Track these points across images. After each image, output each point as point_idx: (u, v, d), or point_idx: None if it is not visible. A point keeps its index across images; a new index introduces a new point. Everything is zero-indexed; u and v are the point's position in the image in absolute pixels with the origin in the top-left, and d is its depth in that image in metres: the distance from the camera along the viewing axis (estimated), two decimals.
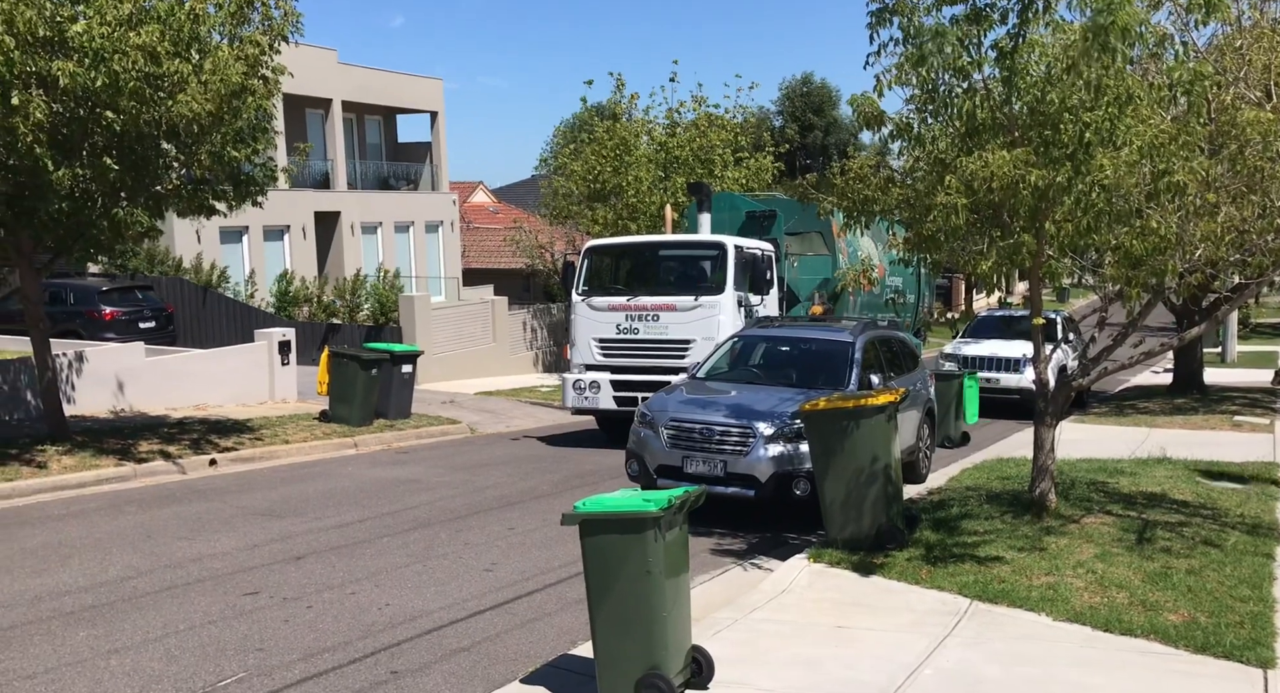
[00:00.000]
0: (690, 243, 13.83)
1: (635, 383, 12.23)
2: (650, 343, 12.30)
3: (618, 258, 13.44)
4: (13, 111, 8.63)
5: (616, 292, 12.69)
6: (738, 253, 12.46)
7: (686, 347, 12.09)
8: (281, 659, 5.32)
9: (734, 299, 12.27)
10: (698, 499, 4.88)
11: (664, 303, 12.30)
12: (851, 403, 7.18)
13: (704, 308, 12.16)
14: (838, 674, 4.96)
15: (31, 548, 7.57)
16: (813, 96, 46.61)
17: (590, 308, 12.63)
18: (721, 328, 11.96)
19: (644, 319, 12.32)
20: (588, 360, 12.55)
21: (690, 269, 13.02)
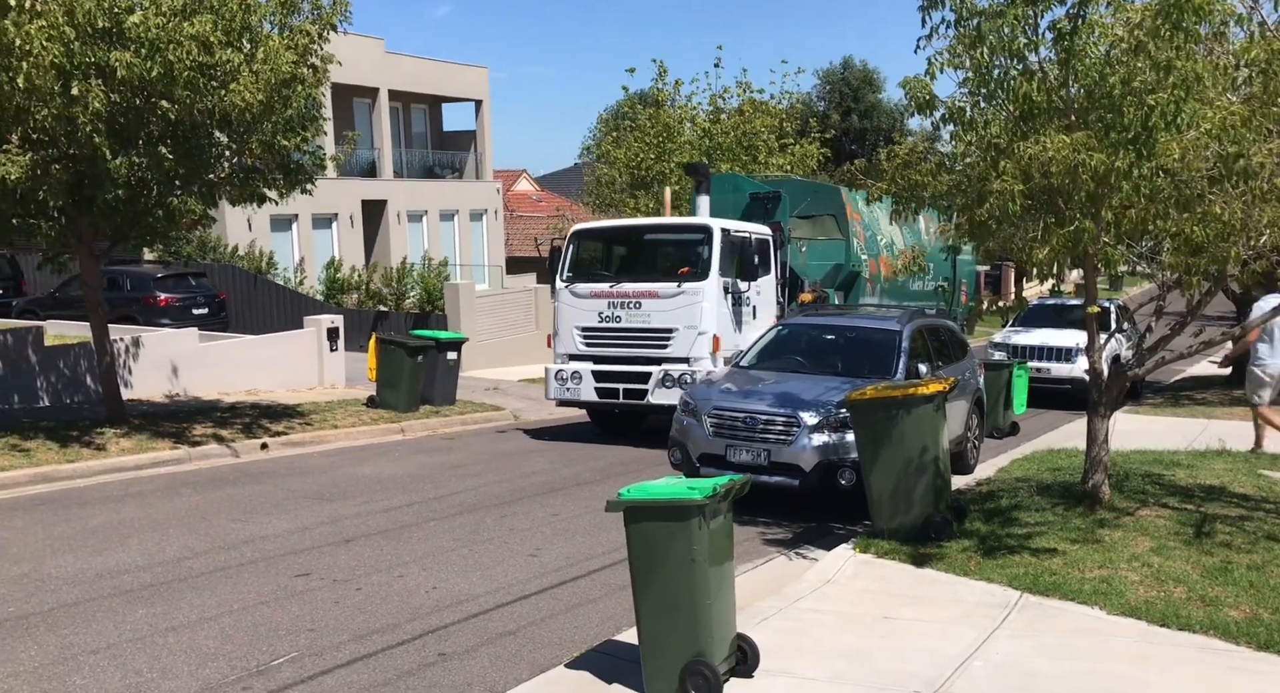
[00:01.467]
0: (675, 226, 13.20)
1: (617, 374, 11.68)
2: (632, 332, 11.64)
3: (603, 243, 12.87)
4: (73, 101, 8.83)
5: (600, 278, 12.05)
6: (724, 237, 11.68)
7: (669, 336, 11.46)
8: (332, 640, 5.42)
9: (719, 286, 11.52)
10: (742, 488, 4.85)
11: (646, 290, 11.62)
12: (900, 392, 7.09)
13: (687, 295, 11.44)
14: (884, 666, 4.92)
15: (93, 528, 7.79)
16: (852, 81, 45.97)
17: (573, 295, 11.99)
18: (704, 316, 11.36)
19: (626, 307, 11.68)
20: (570, 350, 11.95)
21: (675, 254, 12.35)
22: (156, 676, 4.87)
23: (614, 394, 11.58)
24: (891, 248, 16.21)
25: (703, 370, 11.06)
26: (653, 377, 11.39)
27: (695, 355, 11.34)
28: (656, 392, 11.36)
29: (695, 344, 11.36)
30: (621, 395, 11.59)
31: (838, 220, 14.74)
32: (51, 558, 6.89)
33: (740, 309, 11.93)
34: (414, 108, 31.01)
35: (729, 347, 11.47)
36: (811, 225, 14.85)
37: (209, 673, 4.92)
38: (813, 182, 17.44)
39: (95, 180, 9.59)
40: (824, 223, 14.88)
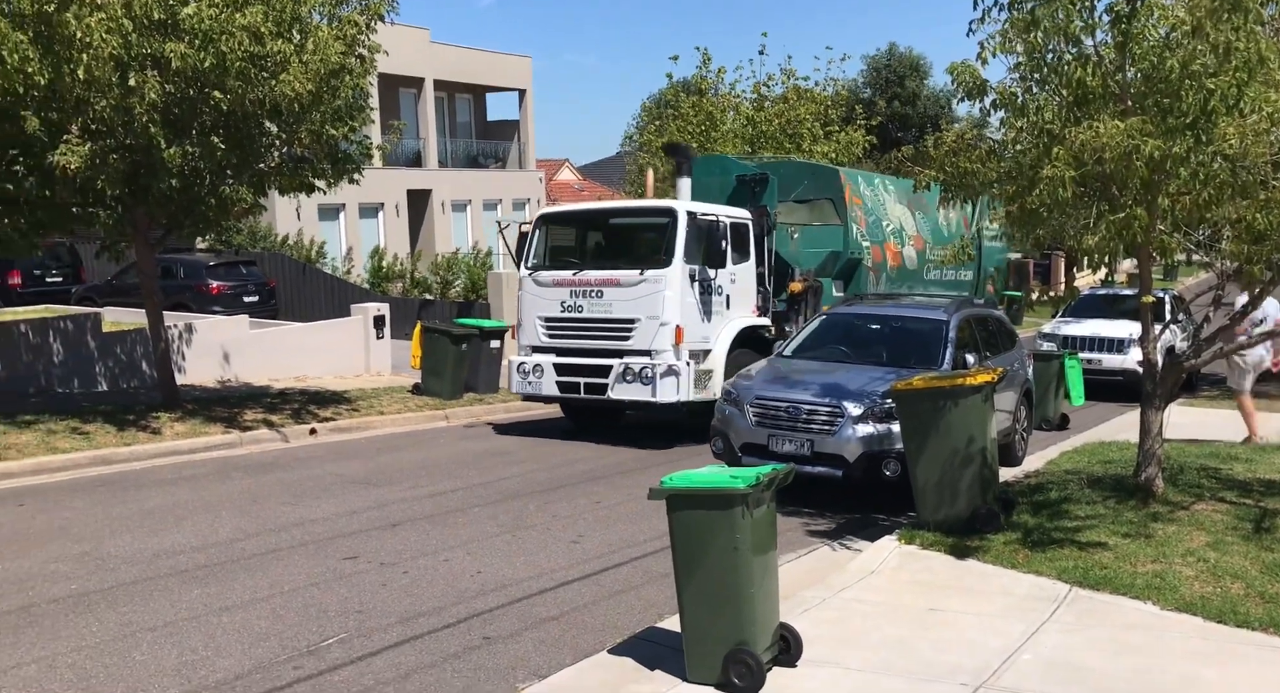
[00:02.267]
0: (640, 210, 12.61)
1: (578, 367, 11.03)
2: (594, 322, 10.97)
3: (569, 228, 12.18)
4: (130, 92, 9.04)
5: (563, 265, 11.43)
6: (690, 221, 10.82)
7: (630, 327, 10.74)
8: (380, 622, 5.51)
9: (683, 273, 10.71)
10: (786, 477, 4.83)
11: (608, 277, 10.89)
12: (947, 382, 7.00)
13: (648, 283, 10.65)
14: (930, 657, 4.87)
15: (149, 509, 8.01)
16: (897, 67, 45.28)
17: (536, 284, 11.33)
18: (666, 306, 10.58)
19: (588, 296, 10.96)
20: (533, 341, 11.32)
21: (640, 240, 11.66)
22: (211, 654, 5.00)
23: (575, 389, 11.03)
24: (900, 234, 14.90)
25: (664, 364, 10.52)
26: (613, 370, 10.72)
27: (657, 348, 10.61)
28: (617, 386, 10.71)
29: (657, 336, 10.61)
30: (583, 390, 11.00)
31: (835, 204, 13.58)
32: (110, 538, 7.10)
33: (709, 298, 11.12)
34: (458, 97, 31.23)
35: (696, 339, 10.89)
36: (809, 210, 13.76)
37: (261, 652, 5.04)
38: (810, 163, 15.81)
39: (151, 170, 9.81)
40: (821, 207, 13.72)
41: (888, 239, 14.43)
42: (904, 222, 15.10)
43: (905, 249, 14.88)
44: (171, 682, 4.65)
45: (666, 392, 10.52)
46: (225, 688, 4.60)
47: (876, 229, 14.26)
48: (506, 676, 4.85)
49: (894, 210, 14.82)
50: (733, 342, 11.24)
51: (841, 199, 13.53)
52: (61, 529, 7.32)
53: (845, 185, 13.68)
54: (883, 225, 14.44)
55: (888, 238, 14.44)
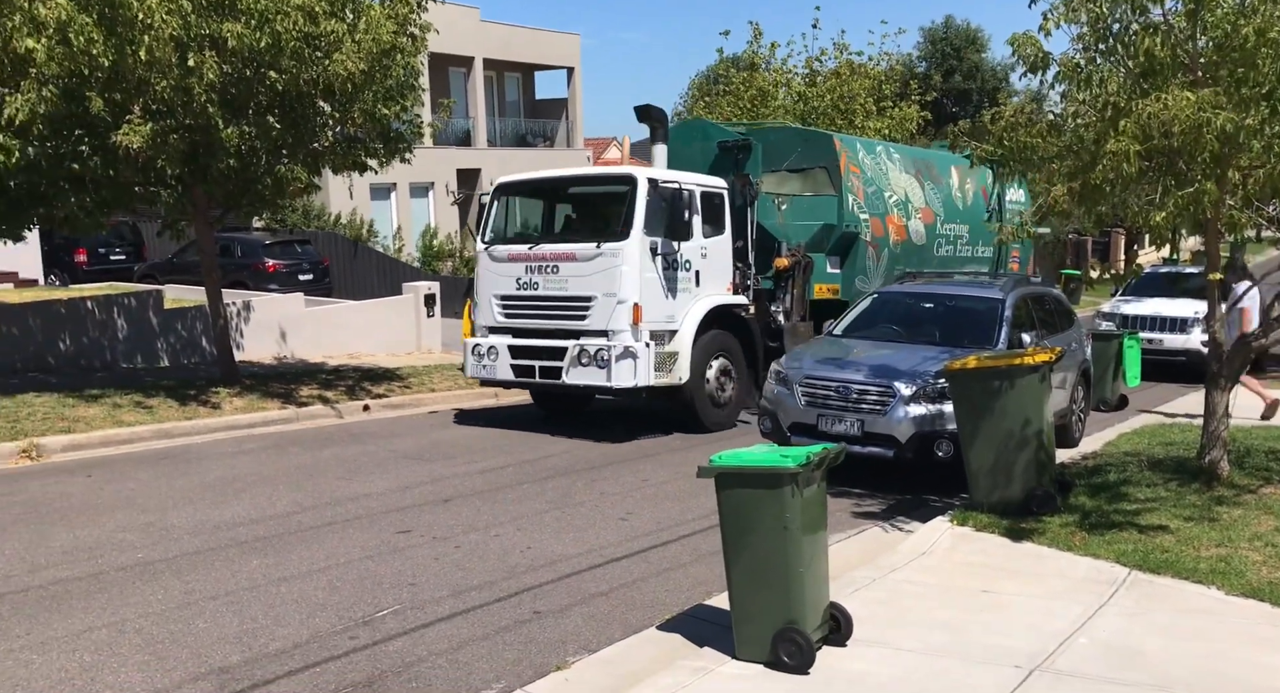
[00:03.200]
0: (599, 177, 11.70)
1: (533, 349, 10.25)
2: (549, 301, 10.18)
3: (527, 198, 11.43)
4: (189, 72, 9.21)
5: (520, 239, 10.77)
6: (652, 189, 9.94)
7: (586, 305, 9.92)
8: (432, 595, 5.61)
9: (643, 246, 9.86)
10: (837, 457, 4.79)
11: (564, 251, 10.10)
12: (1003, 362, 6.87)
13: (605, 257, 9.81)
14: (983, 639, 4.81)
15: (209, 482, 8.23)
16: (954, 40, 44.24)
17: (491, 259, 10.57)
18: (624, 282, 9.75)
19: (544, 272, 10.17)
20: (489, 321, 10.57)
21: (599, 210, 10.81)
22: (270, 623, 5.14)
23: (529, 373, 10.28)
24: (905, 206, 13.39)
25: (620, 346, 9.72)
26: (568, 353, 9.95)
27: (614, 328, 9.79)
28: (572, 370, 9.93)
29: (614, 315, 9.77)
30: (538, 374, 10.25)
31: (830, 173, 12.36)
32: (174, 509, 7.32)
33: (675, 274, 10.22)
34: (507, 76, 31.28)
35: (658, 318, 10.04)
36: (801, 180, 12.63)
37: (318, 622, 5.16)
38: (803, 128, 14.34)
39: (209, 149, 10.00)
40: (815, 177, 12.50)
41: (890, 211, 13.08)
42: (910, 193, 13.62)
43: (911, 222, 13.46)
44: (233, 649, 4.79)
45: (622, 376, 9.73)
46: (284, 657, 4.72)
47: (877, 200, 12.90)
48: (556, 649, 4.91)
49: (898, 180, 13.41)
50: (702, 322, 10.38)
51: (836, 167, 12.32)
52: (128, 500, 7.56)
53: (841, 152, 12.47)
54: (884, 196, 13.05)
55: (890, 210, 13.09)
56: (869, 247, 12.72)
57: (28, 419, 9.60)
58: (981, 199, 14.86)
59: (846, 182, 12.31)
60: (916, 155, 14.40)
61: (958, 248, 14.47)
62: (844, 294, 12.39)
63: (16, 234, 10.99)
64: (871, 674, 4.42)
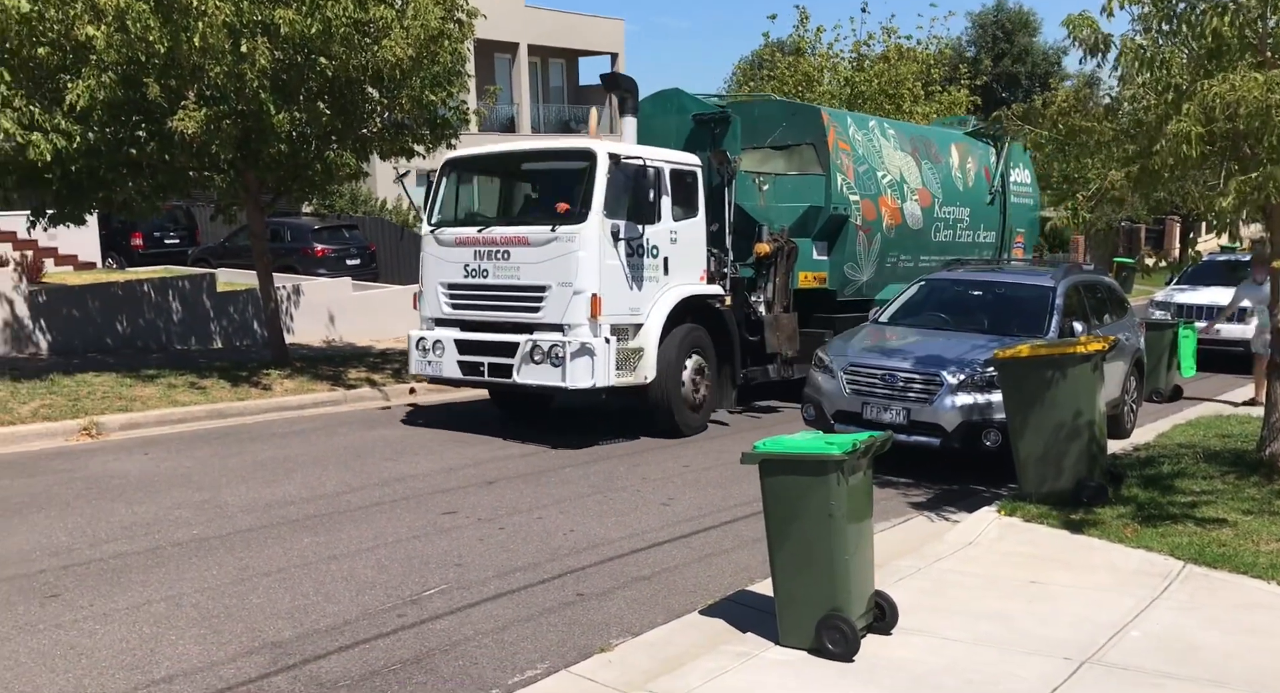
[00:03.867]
0: (555, 152, 10.34)
1: (481, 344, 9.30)
2: (500, 290, 9.24)
3: (479, 175, 10.50)
4: (242, 59, 9.37)
5: (468, 221, 9.74)
6: (613, 165, 8.92)
7: (540, 295, 8.98)
8: (478, 575, 5.69)
9: (603, 229, 8.85)
10: (883, 445, 4.75)
11: (516, 235, 9.13)
12: (1056, 350, 6.75)
13: (560, 242, 8.84)
14: (1031, 630, 4.76)
15: (261, 461, 8.42)
16: (1005, 23, 43.34)
17: (437, 243, 9.65)
18: (581, 270, 8.77)
19: (494, 258, 9.21)
20: (435, 312, 9.65)
21: (555, 189, 9.61)
22: (321, 600, 5.25)
23: (477, 370, 9.35)
24: (900, 187, 12.22)
25: (576, 341, 8.76)
26: (519, 349, 9.00)
27: (570, 321, 8.84)
28: (524, 368, 8.99)
29: (570, 307, 8.80)
30: (486, 372, 9.32)
31: (817, 150, 11.23)
32: (227, 487, 7.50)
33: (640, 261, 9.21)
34: (551, 62, 31.32)
35: (620, 310, 9.07)
36: (787, 157, 11.48)
37: (367, 600, 5.26)
38: (787, 101, 13.03)
39: (261, 135, 10.18)
40: (800, 154, 11.35)
41: (883, 192, 11.91)
42: (906, 172, 12.40)
43: (907, 205, 12.30)
44: (285, 625, 4.91)
45: (578, 375, 8.76)
46: (335, 633, 4.83)
47: (869, 180, 11.71)
48: (600, 631, 4.95)
49: (893, 158, 12.25)
50: (670, 314, 9.39)
51: (824, 143, 11.17)
52: (183, 478, 7.76)
53: (829, 127, 11.32)
54: (877, 176, 11.86)
55: (883, 191, 11.91)
56: (860, 231, 11.63)
57: (88, 398, 9.89)
58: (984, 180, 13.69)
59: (835, 159, 11.21)
60: (913, 132, 13.37)
61: (957, 232, 13.19)
62: (831, 283, 11.49)
63: (78, 218, 11.29)
64: (917, 663, 4.40)
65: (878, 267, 11.93)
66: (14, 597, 5.18)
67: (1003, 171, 13.73)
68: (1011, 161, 13.90)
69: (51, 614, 4.95)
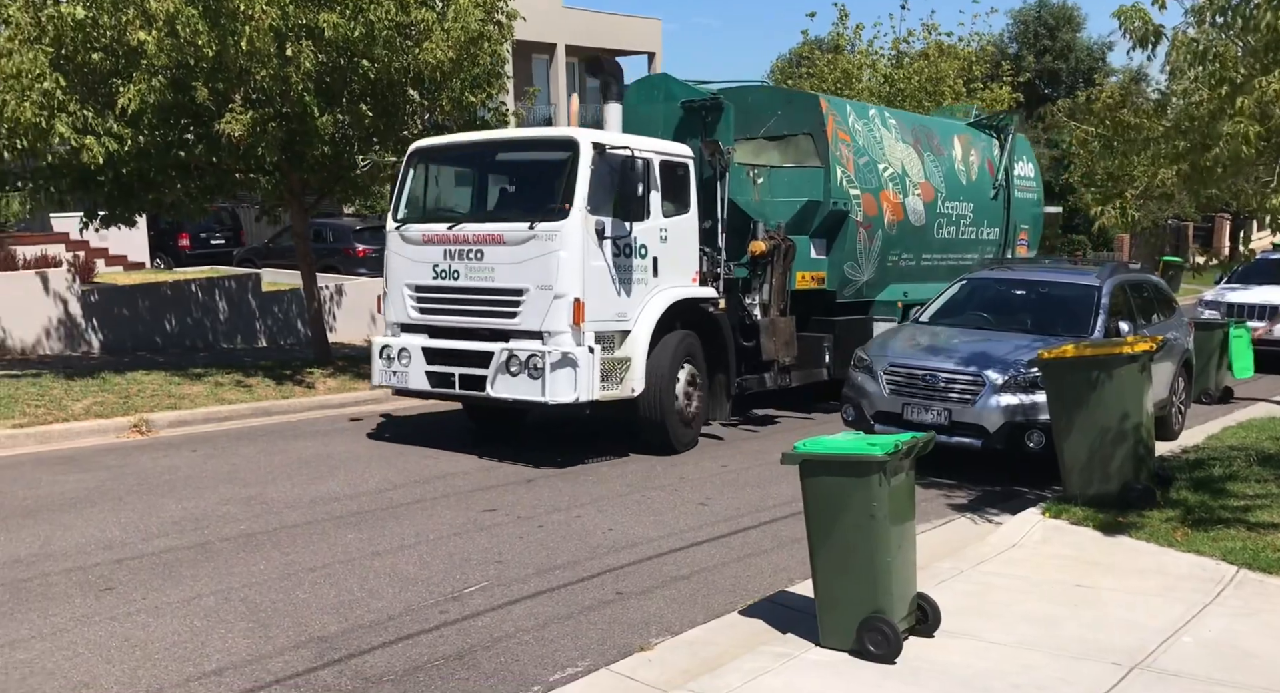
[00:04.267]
0: (533, 140, 9.56)
1: (452, 352, 8.49)
2: (472, 293, 8.44)
3: (450, 167, 9.67)
4: (287, 62, 9.54)
5: (438, 216, 8.94)
6: (598, 156, 8.18)
7: (516, 299, 8.19)
8: (518, 573, 5.73)
9: (586, 226, 8.07)
10: (926, 446, 4.71)
11: (490, 233, 8.32)
12: (1101, 351, 6.64)
13: (539, 240, 8.06)
14: (1078, 634, 4.68)
15: (306, 458, 8.56)
16: (1047, 19, 42.67)
17: (404, 240, 8.82)
18: (562, 271, 7.99)
19: (467, 257, 8.41)
20: (401, 318, 8.84)
21: (533, 181, 8.96)
22: (365, 595, 5.32)
23: (447, 382, 8.52)
24: (902, 180, 11.52)
25: (557, 351, 7.97)
26: (494, 358, 8.18)
27: (550, 328, 8.05)
28: (499, 380, 8.18)
29: (550, 312, 8.02)
30: (458, 384, 8.49)
31: (815, 140, 10.52)
32: (273, 483, 7.64)
33: (628, 262, 8.45)
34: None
35: (606, 316, 8.29)
36: (782, 148, 10.75)
37: (410, 596, 5.33)
38: (785, 89, 11.80)
39: (305, 137, 10.35)
40: (797, 145, 10.63)
41: (885, 186, 11.23)
42: (908, 165, 11.70)
43: (909, 200, 11.58)
44: (331, 619, 4.99)
45: (560, 388, 7.98)
46: (379, 628, 4.90)
47: (870, 173, 11.03)
48: (639, 630, 4.96)
49: (894, 150, 11.56)
50: (660, 319, 8.65)
51: (823, 134, 10.48)
52: (230, 474, 7.91)
53: (828, 116, 10.61)
54: (878, 169, 11.18)
55: (885, 185, 11.23)
56: (860, 228, 10.91)
57: (138, 396, 10.12)
58: (987, 173, 13.00)
59: (834, 150, 10.52)
60: (915, 122, 12.65)
61: (960, 229, 12.51)
62: (830, 284, 10.82)
63: (129, 219, 11.56)
64: (961, 666, 4.35)
65: (878, 266, 11.33)
66: (71, 589, 5.32)
67: (1006, 165, 13.12)
68: (1015, 154, 13.30)
69: (106, 606, 5.08)
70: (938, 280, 11.56)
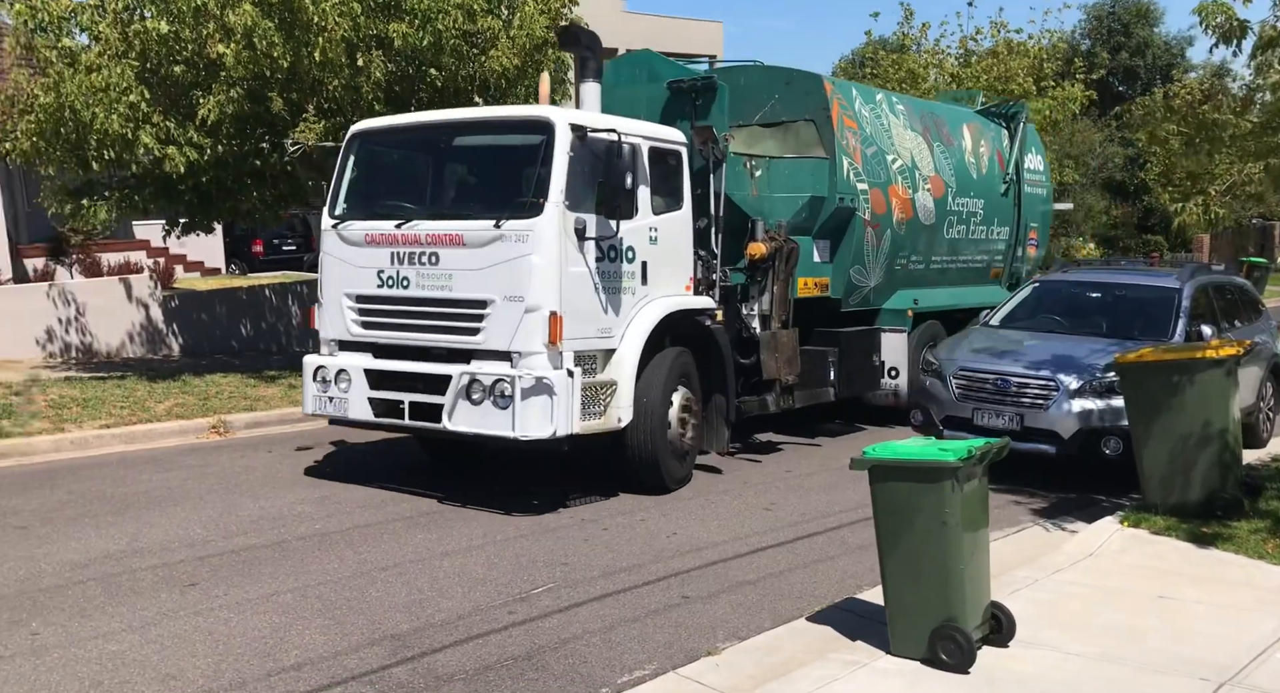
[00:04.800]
0: (499, 121, 7.70)
1: (402, 376, 7.13)
2: (425, 305, 7.09)
3: (398, 153, 8.17)
4: (358, 72, 9.78)
5: (384, 212, 7.46)
6: (578, 140, 6.89)
7: (479, 313, 6.86)
8: (584, 575, 5.76)
9: (563, 225, 6.76)
10: (1000, 452, 4.62)
11: (447, 232, 6.97)
12: (1184, 355, 6.42)
13: (506, 242, 6.73)
14: (1162, 647, 4.53)
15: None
16: (1122, 15, 41.47)
17: (342, 241, 7.48)
18: (536, 279, 6.67)
19: (418, 261, 7.08)
20: (339, 332, 7.48)
21: (500, 171, 7.52)
22: (435, 594, 5.41)
23: (396, 411, 7.14)
24: (911, 174, 10.26)
25: (529, 375, 6.62)
26: (452, 383, 6.84)
27: (521, 348, 6.72)
28: (459, 410, 6.83)
29: (520, 329, 6.70)
30: (408, 413, 7.11)
31: (819, 128, 9.25)
32: (345, 484, 7.80)
33: (613, 268, 7.15)
34: None
35: (587, 332, 6.99)
36: (780, 136, 9.38)
37: (479, 596, 5.40)
38: (782, 68, 10.05)
39: None
40: (798, 133, 9.33)
41: (894, 181, 9.98)
42: (917, 156, 10.42)
43: (918, 195, 10.28)
44: (403, 617, 5.08)
45: (532, 421, 6.64)
46: (449, 627, 4.97)
47: (878, 165, 9.80)
48: (706, 635, 4.95)
49: (903, 139, 10.32)
50: (651, 335, 7.32)
51: (827, 120, 9.23)
52: (303, 474, 8.12)
53: (833, 100, 9.36)
54: (887, 160, 9.93)
55: (893, 178, 9.99)
56: (868, 227, 9.61)
57: (216, 398, 10.46)
58: (997, 166, 11.76)
59: (841, 139, 9.28)
60: (923, 108, 11.38)
61: (970, 228, 11.20)
62: (834, 291, 9.52)
63: (208, 226, 11.96)
64: (1038, 677, 4.25)
65: (886, 270, 10.07)
66: (158, 585, 5.52)
67: (1017, 157, 11.87)
68: (1025, 146, 12.09)
69: (190, 602, 5.25)
70: (948, 285, 10.97)
